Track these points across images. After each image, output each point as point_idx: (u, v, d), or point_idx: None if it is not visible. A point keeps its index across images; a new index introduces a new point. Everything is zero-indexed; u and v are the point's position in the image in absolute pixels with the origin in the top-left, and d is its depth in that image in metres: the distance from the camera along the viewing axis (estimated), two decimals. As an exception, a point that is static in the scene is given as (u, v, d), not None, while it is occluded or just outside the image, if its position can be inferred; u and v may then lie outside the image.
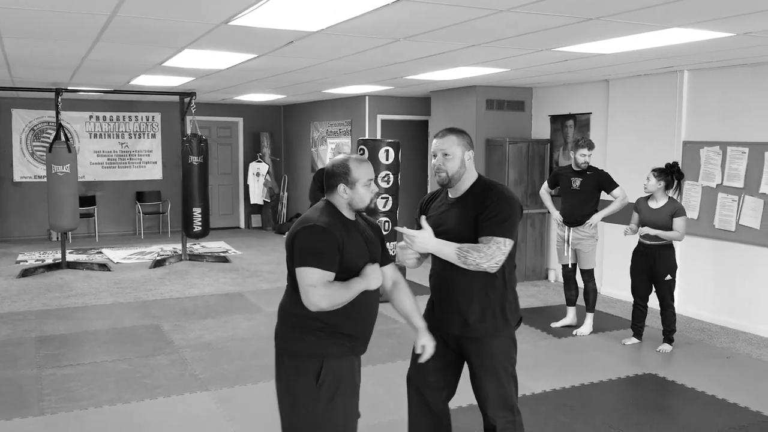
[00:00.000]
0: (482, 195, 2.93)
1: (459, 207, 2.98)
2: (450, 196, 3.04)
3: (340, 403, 2.69)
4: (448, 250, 2.85)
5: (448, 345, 3.08)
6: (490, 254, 2.81)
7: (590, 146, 6.01)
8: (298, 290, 2.61)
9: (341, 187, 2.70)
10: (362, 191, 2.71)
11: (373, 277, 2.68)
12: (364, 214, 2.87)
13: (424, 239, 2.86)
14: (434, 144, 3.01)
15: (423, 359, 2.94)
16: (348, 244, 2.64)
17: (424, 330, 2.93)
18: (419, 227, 2.99)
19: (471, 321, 2.96)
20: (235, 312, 6.94)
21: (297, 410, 2.67)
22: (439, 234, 2.93)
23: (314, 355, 2.65)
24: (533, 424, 4.14)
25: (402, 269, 7.24)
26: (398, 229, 2.96)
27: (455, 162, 2.94)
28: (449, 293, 3.02)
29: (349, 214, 2.75)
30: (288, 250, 2.67)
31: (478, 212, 2.89)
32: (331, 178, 2.73)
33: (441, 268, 3.01)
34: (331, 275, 2.59)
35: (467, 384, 3.27)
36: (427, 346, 2.92)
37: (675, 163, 5.55)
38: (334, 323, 2.66)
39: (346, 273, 2.64)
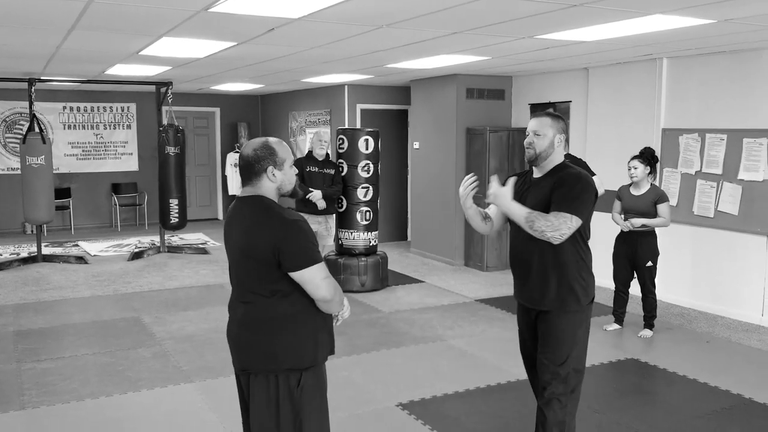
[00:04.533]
0: (561, 175, 3.08)
1: (539, 186, 3.14)
2: (534, 175, 3.20)
3: (325, 408, 2.58)
4: (518, 211, 2.98)
5: (530, 315, 3.23)
6: (556, 225, 2.92)
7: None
8: (278, 296, 2.48)
9: (270, 170, 2.47)
10: (290, 171, 2.54)
11: (346, 308, 2.63)
12: None
13: (498, 193, 2.98)
14: (529, 123, 3.17)
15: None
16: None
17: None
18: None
19: (541, 295, 3.11)
20: (216, 303, 6.88)
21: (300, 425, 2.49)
22: None
23: (313, 360, 2.51)
24: (518, 410, 4.16)
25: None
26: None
27: (545, 141, 3.10)
28: (523, 268, 3.17)
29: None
30: (264, 254, 2.44)
31: (553, 189, 3.03)
32: (256, 163, 2.47)
33: (517, 243, 3.17)
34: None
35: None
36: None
37: (650, 147, 5.63)
38: (324, 318, 2.54)
39: None
